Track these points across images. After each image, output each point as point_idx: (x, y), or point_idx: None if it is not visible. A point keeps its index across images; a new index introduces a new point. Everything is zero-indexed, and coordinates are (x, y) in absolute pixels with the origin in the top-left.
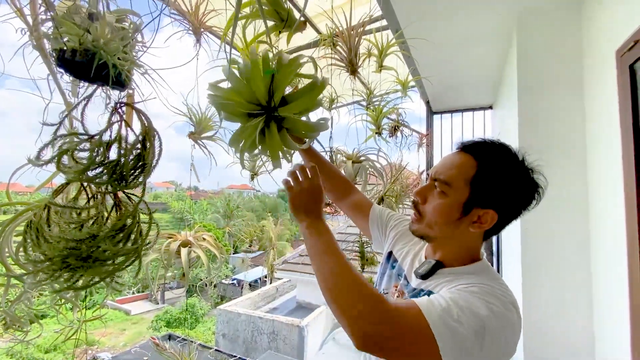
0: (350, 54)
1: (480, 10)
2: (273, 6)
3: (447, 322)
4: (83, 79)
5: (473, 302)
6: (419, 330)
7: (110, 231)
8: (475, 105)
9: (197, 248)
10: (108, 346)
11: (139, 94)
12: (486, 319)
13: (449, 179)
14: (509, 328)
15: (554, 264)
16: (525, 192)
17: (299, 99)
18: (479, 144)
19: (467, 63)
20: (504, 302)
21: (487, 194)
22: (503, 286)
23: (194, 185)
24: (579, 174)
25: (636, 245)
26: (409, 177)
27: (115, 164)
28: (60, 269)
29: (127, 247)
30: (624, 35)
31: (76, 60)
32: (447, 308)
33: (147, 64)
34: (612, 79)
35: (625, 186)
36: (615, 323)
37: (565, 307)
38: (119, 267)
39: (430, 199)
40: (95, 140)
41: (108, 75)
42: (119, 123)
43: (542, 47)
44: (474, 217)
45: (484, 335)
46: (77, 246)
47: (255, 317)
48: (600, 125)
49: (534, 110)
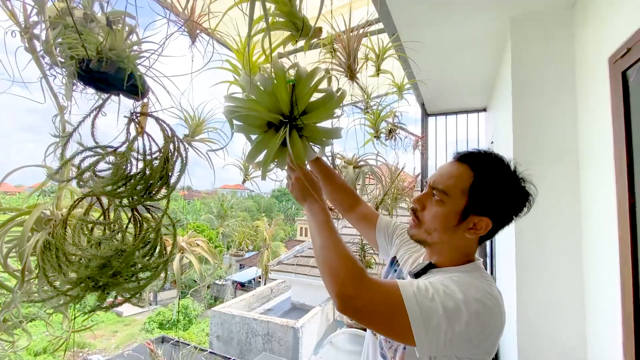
0: (349, 59)
1: (475, 15)
2: (289, 17)
3: (420, 298)
4: (99, 89)
5: (450, 286)
6: (392, 302)
7: (139, 245)
8: (469, 107)
9: (190, 254)
10: (99, 348)
11: (153, 103)
12: (460, 302)
13: (447, 188)
14: (484, 314)
15: (546, 266)
16: (517, 201)
17: (319, 108)
18: (474, 155)
19: (461, 66)
20: (483, 291)
21: (483, 203)
22: (488, 282)
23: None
24: (572, 178)
25: (628, 249)
26: (405, 179)
27: (142, 175)
28: (88, 289)
29: (156, 261)
30: (616, 41)
31: (101, 70)
32: (424, 288)
33: (160, 71)
34: (604, 85)
35: (617, 190)
36: (607, 325)
37: (557, 309)
38: (149, 281)
39: (428, 207)
40: (120, 152)
41: (123, 83)
42: (139, 134)
43: (536, 52)
44: (470, 223)
45: (455, 316)
46: (107, 262)
47: (249, 318)
48: (593, 129)
49: (528, 114)
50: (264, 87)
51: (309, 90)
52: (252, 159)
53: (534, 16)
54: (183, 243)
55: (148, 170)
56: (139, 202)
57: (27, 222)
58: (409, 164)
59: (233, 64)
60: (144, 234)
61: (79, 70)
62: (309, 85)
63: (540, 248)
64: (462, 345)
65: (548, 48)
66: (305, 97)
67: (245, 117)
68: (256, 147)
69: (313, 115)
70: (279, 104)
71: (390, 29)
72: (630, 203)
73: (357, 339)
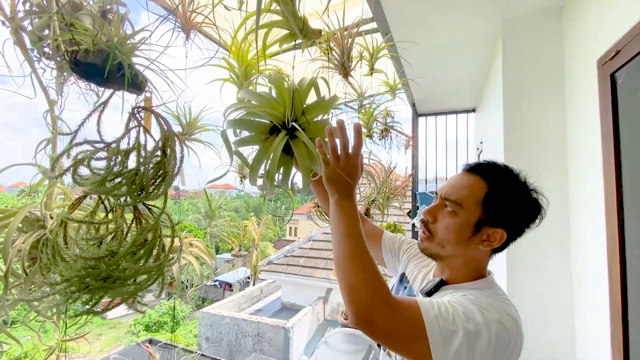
0: (343, 57)
1: (467, 17)
2: (293, 16)
3: (442, 322)
4: (100, 83)
5: (469, 307)
6: (413, 324)
7: (131, 247)
8: (459, 108)
9: (188, 255)
10: (82, 352)
11: (157, 98)
12: (481, 324)
13: (460, 199)
14: (504, 337)
15: (537, 265)
16: (530, 212)
17: (316, 105)
18: (486, 166)
19: (452, 67)
20: (502, 313)
21: (497, 214)
22: (504, 300)
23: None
24: (560, 177)
25: (616, 245)
26: (397, 179)
27: (135, 173)
28: (79, 291)
29: (149, 265)
30: (605, 44)
31: (89, 62)
32: (444, 310)
33: (163, 64)
34: (593, 86)
35: (605, 188)
36: (595, 320)
37: (546, 306)
38: (142, 286)
39: (440, 218)
40: (112, 148)
41: (124, 77)
42: (137, 129)
43: (527, 54)
44: (484, 235)
45: (475, 339)
46: (95, 265)
47: (239, 319)
48: (581, 130)
49: (518, 114)
50: (265, 95)
51: (307, 94)
52: (253, 171)
53: (525, 19)
54: (179, 243)
55: (142, 167)
56: (134, 202)
57: (12, 223)
58: (400, 164)
59: (229, 62)
60: (137, 235)
61: (71, 64)
62: (308, 91)
63: (530, 246)
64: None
65: (538, 50)
66: (303, 99)
67: (250, 122)
68: (256, 161)
69: (312, 109)
70: (280, 109)
71: (383, 29)
72: (618, 201)
73: (352, 338)
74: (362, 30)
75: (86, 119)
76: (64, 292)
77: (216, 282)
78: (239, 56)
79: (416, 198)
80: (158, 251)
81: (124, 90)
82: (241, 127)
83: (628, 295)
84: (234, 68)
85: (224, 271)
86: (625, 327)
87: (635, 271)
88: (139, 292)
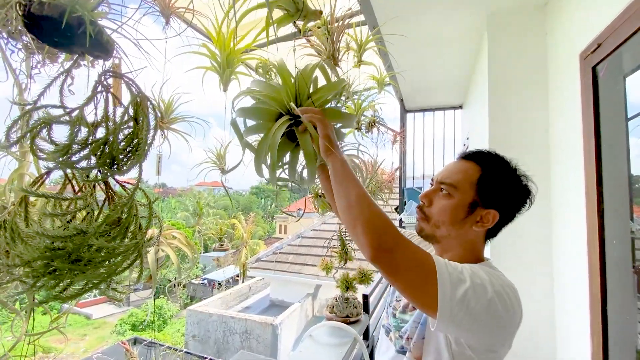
0: (332, 45)
1: (453, 11)
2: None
3: (451, 269)
4: (59, 45)
5: (475, 268)
6: (425, 264)
7: (102, 225)
8: (446, 104)
9: (166, 247)
10: (66, 353)
11: (127, 65)
12: (486, 281)
13: (455, 182)
14: (506, 298)
15: (519, 255)
16: (521, 196)
17: (321, 88)
18: (479, 153)
19: (439, 62)
20: (504, 280)
21: (490, 195)
22: (505, 278)
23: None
24: (543, 170)
25: (596, 234)
26: (383, 173)
27: (104, 142)
28: (43, 275)
29: (125, 244)
30: (587, 38)
31: (44, 14)
32: (454, 264)
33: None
34: (575, 80)
35: (585, 180)
36: (574, 308)
37: (528, 293)
38: (116, 268)
39: (435, 201)
40: (76, 114)
41: (84, 39)
42: (105, 96)
43: (511, 49)
44: (477, 216)
45: (482, 291)
46: (62, 245)
47: (227, 317)
48: (564, 124)
49: (503, 109)
50: (272, 84)
51: (309, 73)
52: (258, 162)
53: (509, 13)
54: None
55: (112, 136)
56: (104, 177)
57: None
58: (387, 159)
59: (210, 50)
60: (110, 211)
61: (25, 19)
62: (310, 77)
63: (512, 236)
64: (480, 327)
65: (522, 45)
66: (308, 82)
67: (256, 110)
68: (259, 151)
69: (318, 92)
70: (284, 94)
71: (371, 22)
72: (598, 192)
73: (337, 331)
74: (350, 22)
75: (47, 87)
76: (28, 276)
77: (205, 280)
78: (220, 44)
79: (404, 194)
80: (134, 230)
81: (88, 53)
82: (247, 116)
83: (607, 285)
84: (215, 56)
85: (213, 269)
86: (604, 316)
87: (614, 261)
88: (113, 276)
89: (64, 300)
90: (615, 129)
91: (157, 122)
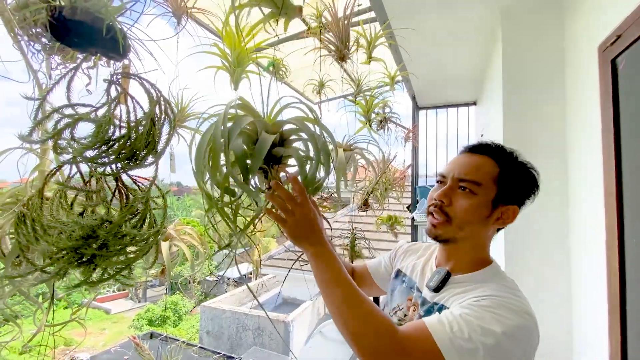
0: (340, 42)
1: (466, 6)
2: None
3: (457, 343)
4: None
5: (485, 317)
6: (430, 355)
7: (126, 214)
8: (459, 101)
9: (179, 242)
10: (87, 346)
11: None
12: (500, 335)
13: (479, 178)
14: (524, 340)
15: (534, 254)
16: (532, 187)
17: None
18: (488, 146)
19: (452, 58)
20: (518, 312)
21: (510, 191)
22: (516, 294)
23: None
24: (560, 168)
25: (615, 234)
26: (395, 171)
27: (127, 139)
28: (71, 262)
29: (147, 231)
30: (606, 29)
31: (76, 19)
32: (458, 328)
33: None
34: (594, 74)
35: (604, 177)
36: (592, 310)
37: (544, 294)
38: (139, 254)
39: (456, 200)
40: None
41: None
42: (121, 95)
43: (526, 43)
44: (499, 213)
45: (497, 353)
46: (92, 233)
47: (240, 313)
48: (581, 118)
49: (518, 105)
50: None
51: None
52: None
53: (524, 6)
54: (171, 231)
55: (133, 133)
56: (124, 170)
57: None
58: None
59: (221, 49)
60: (130, 204)
61: (52, 20)
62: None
63: (528, 237)
64: None
65: (538, 38)
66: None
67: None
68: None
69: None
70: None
71: (381, 17)
72: (617, 189)
73: None
74: (360, 20)
75: (57, 82)
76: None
77: (219, 277)
78: (231, 43)
79: (416, 192)
80: (150, 220)
81: (103, 54)
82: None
83: (627, 285)
84: (226, 55)
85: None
86: (623, 317)
87: (634, 260)
88: (136, 260)
89: (92, 285)
90: (636, 125)
91: (172, 120)
